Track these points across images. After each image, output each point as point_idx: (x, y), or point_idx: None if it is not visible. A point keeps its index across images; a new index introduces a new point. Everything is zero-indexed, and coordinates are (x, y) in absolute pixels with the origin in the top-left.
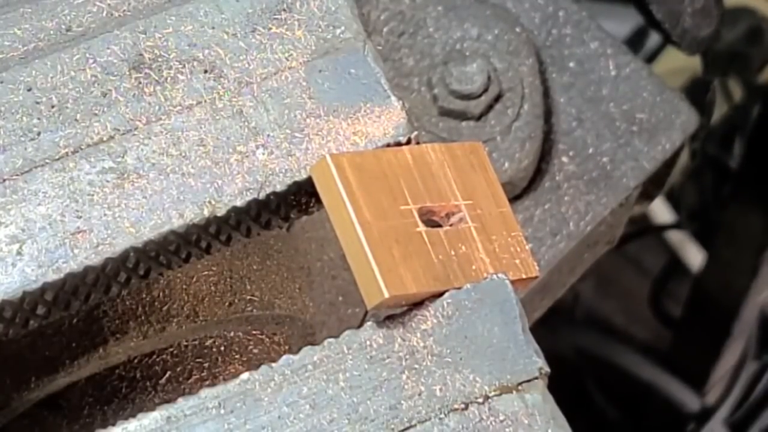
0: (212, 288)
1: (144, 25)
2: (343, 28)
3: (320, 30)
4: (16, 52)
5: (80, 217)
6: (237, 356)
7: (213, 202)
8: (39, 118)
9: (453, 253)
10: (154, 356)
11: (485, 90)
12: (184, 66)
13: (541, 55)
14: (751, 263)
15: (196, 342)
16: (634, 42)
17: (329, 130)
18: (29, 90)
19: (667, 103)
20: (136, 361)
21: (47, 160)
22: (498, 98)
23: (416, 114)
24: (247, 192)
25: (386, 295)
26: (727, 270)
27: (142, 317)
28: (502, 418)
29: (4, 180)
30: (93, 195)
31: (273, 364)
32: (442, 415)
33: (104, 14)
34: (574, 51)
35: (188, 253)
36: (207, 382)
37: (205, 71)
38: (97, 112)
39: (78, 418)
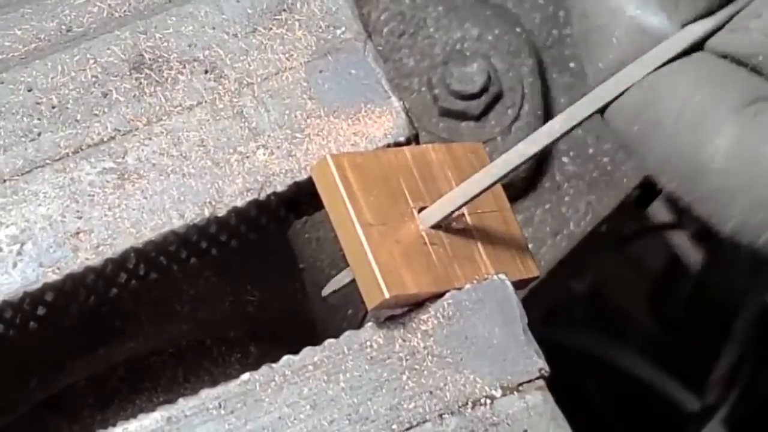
0: (212, 288)
1: (144, 25)
2: (343, 28)
3: (321, 30)
4: (17, 52)
5: (81, 218)
6: (237, 356)
7: (213, 203)
8: (39, 119)
9: (453, 253)
10: (154, 356)
11: (485, 90)
12: (185, 66)
13: (542, 55)
14: (751, 263)
15: (196, 342)
16: None
17: (330, 130)
18: (30, 90)
19: None
20: (136, 361)
21: (48, 161)
22: (498, 98)
23: (416, 114)
24: (248, 192)
25: (386, 295)
26: (727, 270)
27: (142, 317)
28: (502, 418)
29: (5, 180)
30: (93, 195)
31: (273, 365)
32: (443, 416)
33: (105, 14)
34: (574, 51)
35: (188, 253)
36: (207, 383)
37: (206, 72)
38: (97, 112)
39: (78, 418)
